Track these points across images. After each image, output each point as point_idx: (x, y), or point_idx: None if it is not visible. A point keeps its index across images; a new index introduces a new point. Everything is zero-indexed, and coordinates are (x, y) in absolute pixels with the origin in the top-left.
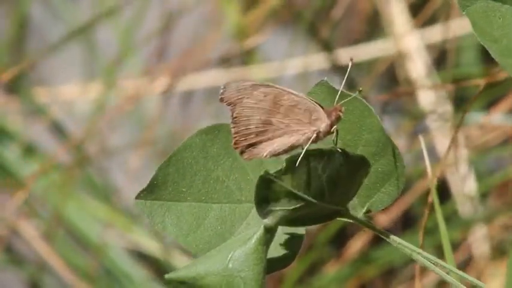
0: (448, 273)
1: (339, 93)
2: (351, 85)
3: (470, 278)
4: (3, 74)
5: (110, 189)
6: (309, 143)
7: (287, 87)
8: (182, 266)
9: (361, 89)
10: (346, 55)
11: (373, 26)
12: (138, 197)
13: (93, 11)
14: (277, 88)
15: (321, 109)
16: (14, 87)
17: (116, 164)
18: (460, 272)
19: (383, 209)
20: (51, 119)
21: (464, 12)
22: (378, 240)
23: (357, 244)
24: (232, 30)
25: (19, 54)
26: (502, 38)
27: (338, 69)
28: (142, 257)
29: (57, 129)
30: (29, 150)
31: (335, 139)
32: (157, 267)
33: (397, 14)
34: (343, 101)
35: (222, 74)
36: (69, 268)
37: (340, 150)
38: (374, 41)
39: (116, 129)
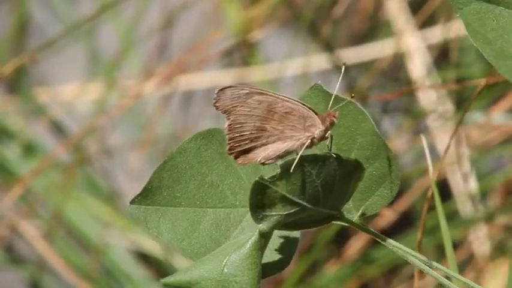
0: (446, 276)
1: (333, 97)
2: (352, 85)
3: (466, 281)
4: (4, 70)
5: (110, 189)
6: (303, 149)
7: (282, 94)
8: (179, 269)
9: (353, 95)
10: (347, 55)
11: (374, 25)
12: (132, 202)
13: (93, 10)
14: (271, 95)
15: (315, 115)
16: (14, 87)
17: (116, 164)
18: (458, 276)
19: (384, 208)
20: (51, 119)
21: (458, 14)
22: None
23: (357, 244)
24: (232, 29)
25: (20, 53)
26: (496, 40)
27: (339, 69)
28: (142, 257)
29: (58, 129)
30: (29, 149)
31: (329, 144)
32: (157, 267)
33: (398, 13)
34: (337, 106)
35: (222, 74)
36: (69, 268)
37: (334, 156)
38: (375, 40)
39: (116, 129)
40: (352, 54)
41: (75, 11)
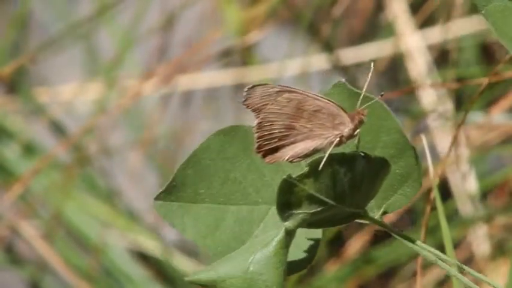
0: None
1: (362, 96)
2: (352, 84)
3: (477, 274)
4: (4, 70)
5: (109, 189)
6: (331, 147)
7: (311, 92)
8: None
9: (383, 93)
10: (346, 55)
11: (374, 25)
12: (157, 198)
13: (93, 10)
14: (301, 93)
15: (344, 113)
16: (14, 87)
17: (115, 163)
18: (471, 270)
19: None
20: (51, 119)
21: (482, 12)
22: (377, 239)
23: (356, 244)
24: (232, 29)
25: (20, 53)
26: None
27: (339, 69)
28: (142, 257)
29: (57, 129)
30: (29, 149)
31: (357, 143)
32: (157, 267)
33: (399, 13)
34: (365, 105)
35: (221, 74)
36: (69, 268)
37: (362, 154)
38: (375, 40)
39: (116, 129)
40: (352, 54)
41: (75, 11)
